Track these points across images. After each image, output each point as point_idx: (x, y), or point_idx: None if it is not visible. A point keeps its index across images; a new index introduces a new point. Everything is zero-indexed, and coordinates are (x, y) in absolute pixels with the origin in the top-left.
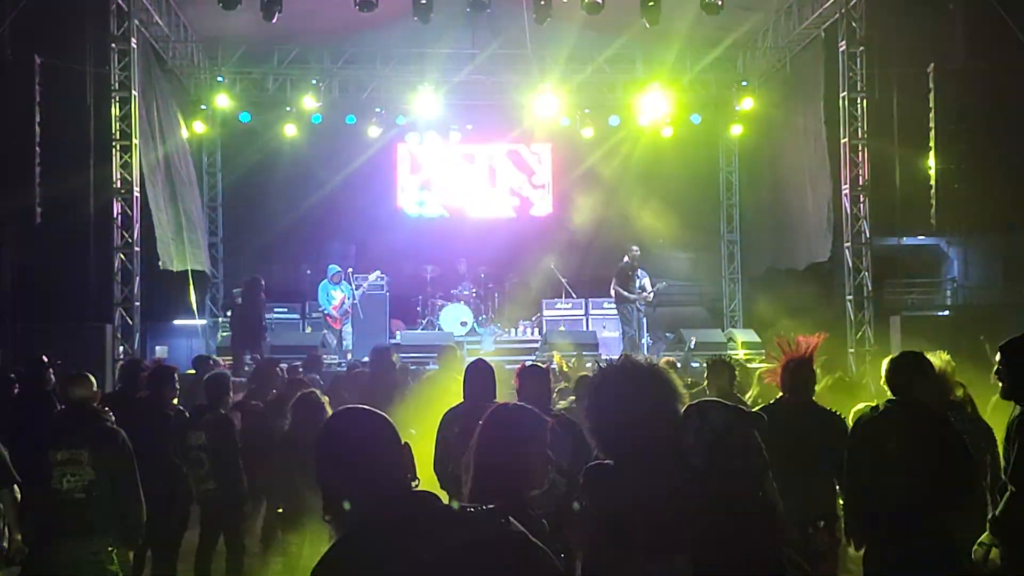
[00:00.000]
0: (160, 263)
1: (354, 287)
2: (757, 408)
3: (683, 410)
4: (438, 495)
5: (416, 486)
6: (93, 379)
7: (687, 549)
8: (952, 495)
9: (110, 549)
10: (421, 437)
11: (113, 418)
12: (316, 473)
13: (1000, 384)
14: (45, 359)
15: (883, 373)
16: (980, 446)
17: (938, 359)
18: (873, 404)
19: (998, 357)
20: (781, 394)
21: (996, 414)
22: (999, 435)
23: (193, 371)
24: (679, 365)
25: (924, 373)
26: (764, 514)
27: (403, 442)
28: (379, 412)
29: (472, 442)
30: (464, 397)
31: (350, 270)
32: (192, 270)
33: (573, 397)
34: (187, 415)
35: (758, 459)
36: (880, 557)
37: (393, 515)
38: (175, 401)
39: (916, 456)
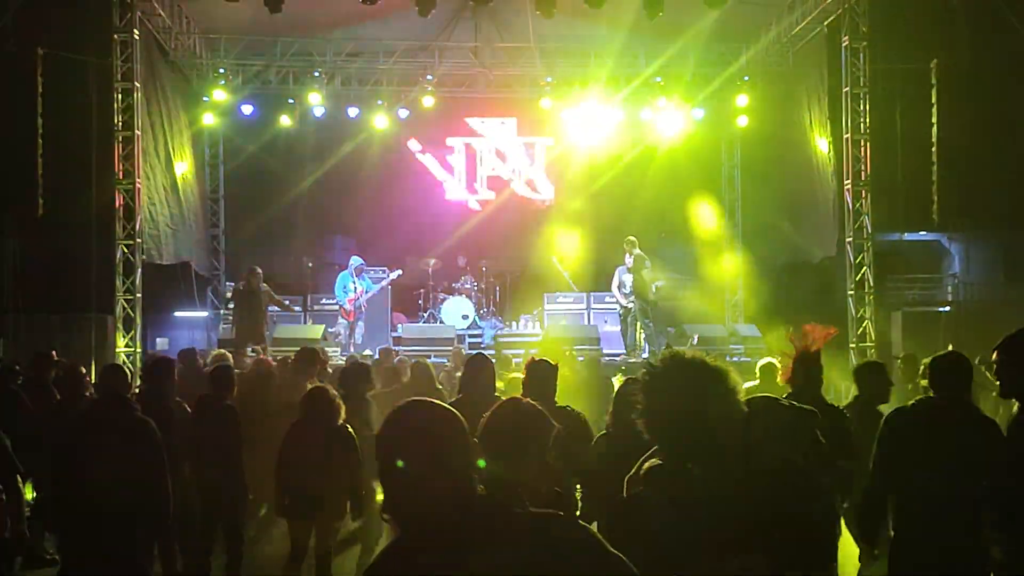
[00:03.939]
0: (152, 256)
1: (371, 281)
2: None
3: (746, 406)
4: (505, 499)
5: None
6: (128, 371)
7: (761, 549)
8: (997, 499)
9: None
10: None
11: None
12: (379, 467)
13: (999, 383)
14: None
15: (929, 371)
16: None
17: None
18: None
19: (995, 355)
20: (789, 389)
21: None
22: None
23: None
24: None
25: (970, 373)
26: (828, 511)
27: (471, 440)
28: (444, 405)
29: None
30: (461, 390)
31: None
32: (189, 263)
33: None
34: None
35: (821, 456)
36: (913, 557)
37: (453, 517)
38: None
39: (963, 458)
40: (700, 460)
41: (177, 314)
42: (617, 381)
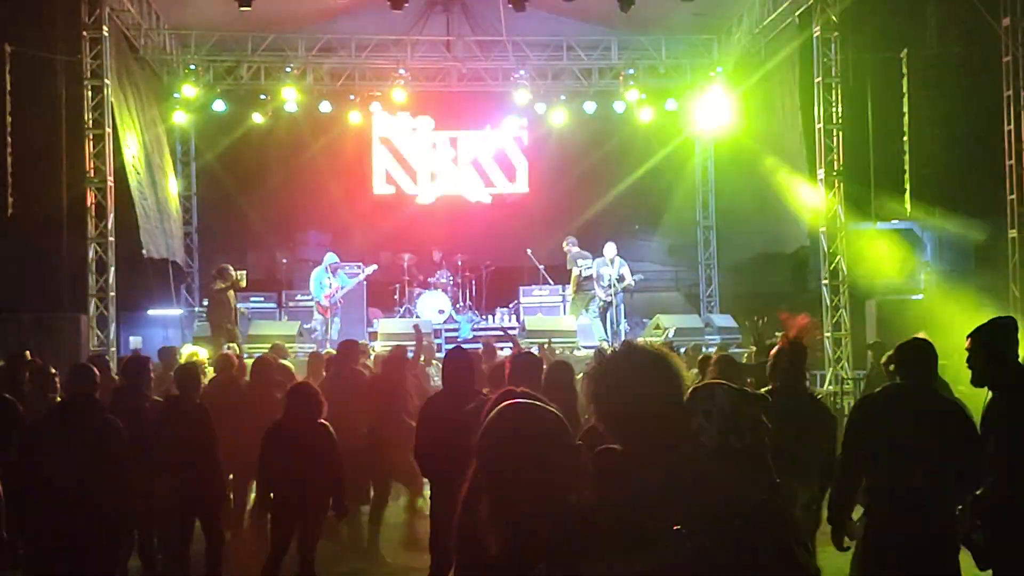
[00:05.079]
0: (144, 251)
1: (348, 277)
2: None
3: (690, 391)
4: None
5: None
6: (96, 371)
7: (707, 533)
8: (964, 482)
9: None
10: None
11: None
12: (483, 475)
13: (971, 372)
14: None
15: (894, 357)
16: None
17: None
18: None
19: (967, 344)
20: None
21: None
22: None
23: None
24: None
25: (935, 359)
26: (773, 496)
27: (579, 443)
28: (548, 407)
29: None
30: (443, 385)
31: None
32: (170, 260)
33: None
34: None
35: (766, 440)
36: (882, 541)
37: (565, 528)
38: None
39: (930, 442)
40: (644, 445)
41: (150, 312)
42: None
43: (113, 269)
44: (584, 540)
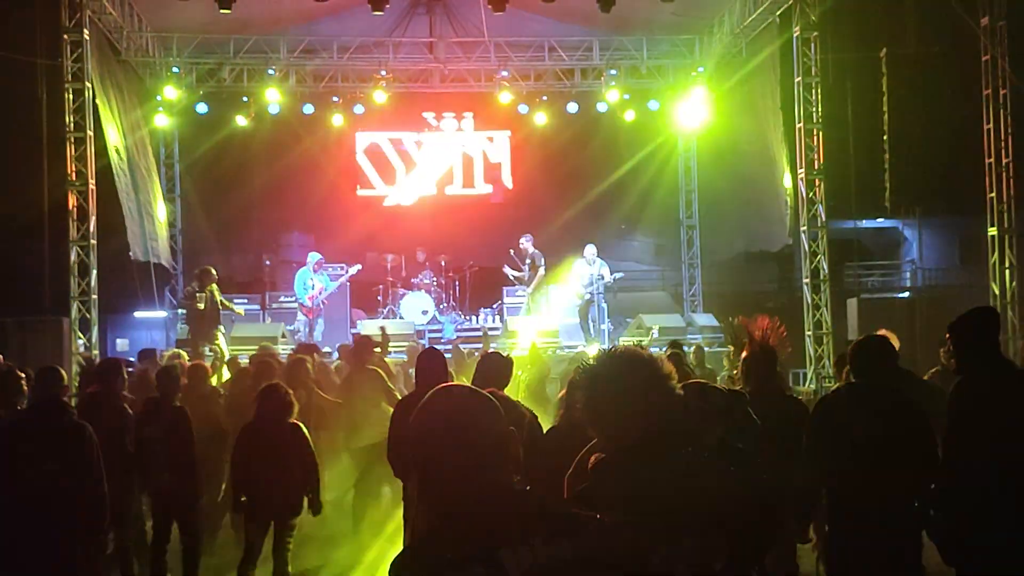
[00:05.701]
0: (131, 253)
1: (330, 277)
2: None
3: (682, 391)
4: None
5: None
6: (64, 373)
7: (714, 529)
8: (920, 479)
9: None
10: None
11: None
12: (412, 456)
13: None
14: None
15: (848, 356)
16: None
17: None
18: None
19: (948, 336)
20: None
21: None
22: None
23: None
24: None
25: (890, 356)
26: (765, 494)
27: (508, 429)
28: (481, 392)
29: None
30: (416, 385)
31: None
32: (153, 263)
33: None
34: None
35: (757, 434)
36: (846, 537)
37: (486, 511)
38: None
39: (884, 440)
40: (645, 449)
41: (137, 315)
42: None
43: (95, 272)
44: (507, 523)
